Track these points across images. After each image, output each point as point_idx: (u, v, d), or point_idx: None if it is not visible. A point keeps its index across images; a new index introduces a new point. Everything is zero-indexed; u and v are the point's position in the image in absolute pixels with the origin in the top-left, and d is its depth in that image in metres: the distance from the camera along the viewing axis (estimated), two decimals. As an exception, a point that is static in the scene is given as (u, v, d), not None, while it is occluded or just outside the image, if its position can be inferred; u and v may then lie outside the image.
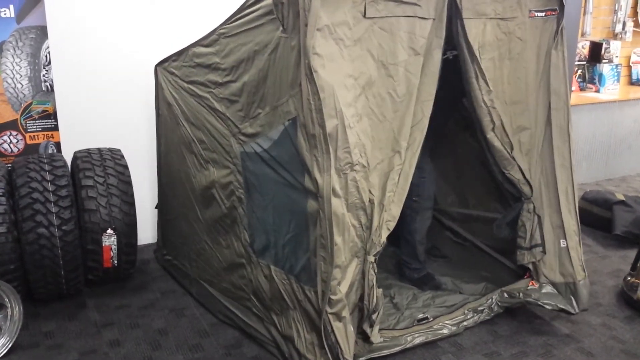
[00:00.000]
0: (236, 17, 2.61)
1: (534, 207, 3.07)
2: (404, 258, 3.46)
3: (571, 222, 3.06)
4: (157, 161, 3.61)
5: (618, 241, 4.21)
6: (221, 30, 2.71)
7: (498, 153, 2.95)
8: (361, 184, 2.44)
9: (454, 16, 2.64)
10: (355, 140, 2.39)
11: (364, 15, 2.32)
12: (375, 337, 2.66)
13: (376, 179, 2.51)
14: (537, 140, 3.04)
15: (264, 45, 2.47)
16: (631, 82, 6.10)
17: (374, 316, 2.61)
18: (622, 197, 4.46)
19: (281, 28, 2.32)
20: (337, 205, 2.37)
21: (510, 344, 2.94)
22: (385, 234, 2.57)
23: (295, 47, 2.26)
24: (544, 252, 3.09)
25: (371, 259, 2.54)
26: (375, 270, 2.59)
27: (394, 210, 2.59)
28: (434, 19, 2.53)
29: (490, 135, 2.90)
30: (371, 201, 2.50)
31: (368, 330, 2.62)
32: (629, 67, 6.08)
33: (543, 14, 2.94)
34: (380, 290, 2.66)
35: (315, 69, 2.22)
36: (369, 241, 2.53)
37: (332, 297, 2.44)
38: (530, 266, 3.13)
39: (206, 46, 2.83)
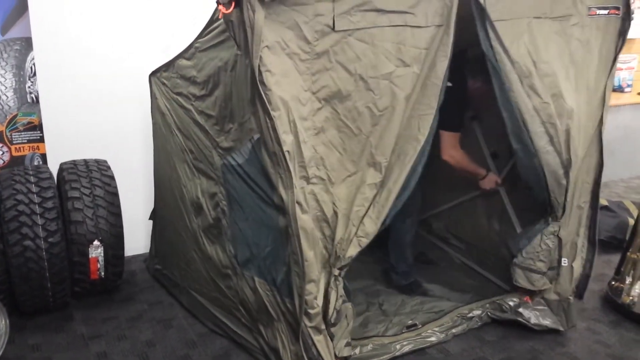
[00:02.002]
0: (206, 32, 2.61)
1: (559, 229, 2.93)
2: (392, 262, 3.46)
3: (584, 242, 3.05)
4: (154, 170, 3.59)
5: (602, 246, 4.23)
6: (196, 44, 2.72)
7: (550, 173, 2.80)
8: (321, 196, 2.38)
9: (480, 19, 2.47)
10: (310, 154, 2.32)
11: (333, 29, 2.21)
12: (341, 350, 2.58)
13: (343, 191, 2.43)
14: (582, 155, 2.89)
15: (225, 62, 2.46)
16: (613, 89, 6.17)
17: (332, 329, 2.53)
18: (605, 203, 4.51)
19: (236, 46, 2.27)
20: (305, 220, 2.33)
21: (497, 350, 2.96)
22: (354, 249, 2.48)
23: (249, 65, 2.19)
24: (558, 274, 3.03)
25: (335, 272, 2.47)
26: (339, 284, 2.50)
27: (369, 227, 2.48)
28: (439, 26, 2.38)
29: (545, 149, 2.72)
30: (335, 213, 2.43)
31: (332, 344, 2.56)
32: (611, 74, 6.15)
33: (606, 12, 2.72)
34: (349, 304, 2.58)
35: (268, 87, 2.16)
36: (333, 254, 2.46)
37: (310, 311, 2.44)
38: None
39: (187, 59, 2.84)
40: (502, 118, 2.73)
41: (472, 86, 3.17)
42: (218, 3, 2.11)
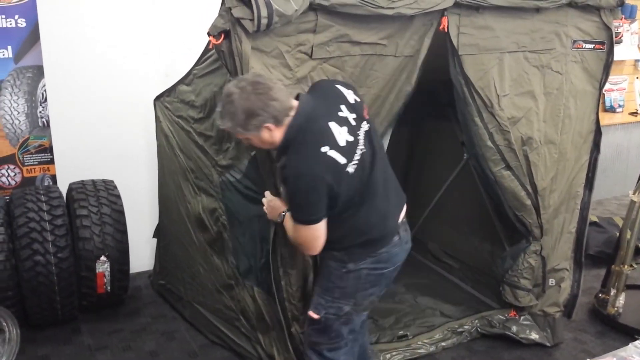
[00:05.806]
0: (202, 60, 2.80)
1: (541, 248, 3.09)
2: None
3: (571, 264, 3.19)
4: (159, 189, 3.73)
5: (591, 260, 4.35)
6: (194, 71, 2.92)
7: (509, 194, 2.95)
8: None
9: (451, 53, 2.63)
10: None
11: (311, 57, 2.37)
12: None
13: None
14: (564, 181, 3.05)
15: (220, 87, 2.64)
16: (605, 109, 6.33)
17: None
18: (595, 219, 4.65)
19: (228, 73, 2.42)
20: None
21: (486, 359, 3.08)
22: None
23: None
24: (543, 291, 3.16)
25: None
26: None
27: None
28: (409, 57, 2.55)
29: (500, 173, 2.89)
30: None
31: None
32: (603, 95, 6.29)
33: (592, 46, 2.84)
34: None
35: None
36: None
37: (301, 317, 2.59)
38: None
39: (186, 85, 3.04)
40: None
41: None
42: (209, 35, 2.26)
